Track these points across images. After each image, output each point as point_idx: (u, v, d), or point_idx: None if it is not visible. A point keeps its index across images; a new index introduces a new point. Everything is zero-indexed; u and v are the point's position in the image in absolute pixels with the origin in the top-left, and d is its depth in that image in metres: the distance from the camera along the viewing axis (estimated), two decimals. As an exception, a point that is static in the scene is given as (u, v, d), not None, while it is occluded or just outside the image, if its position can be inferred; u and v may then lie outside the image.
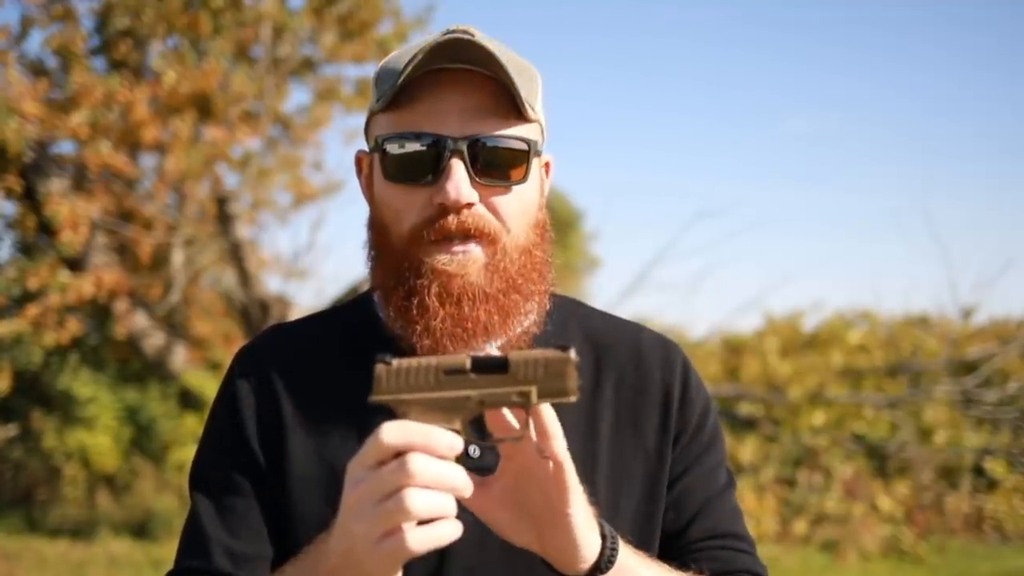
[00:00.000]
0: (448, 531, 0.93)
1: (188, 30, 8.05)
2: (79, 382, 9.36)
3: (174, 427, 9.28)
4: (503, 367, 0.96)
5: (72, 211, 7.62)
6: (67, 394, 9.31)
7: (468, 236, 1.18)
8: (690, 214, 21.94)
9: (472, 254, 1.19)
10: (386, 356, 0.99)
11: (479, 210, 1.19)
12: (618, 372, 1.30)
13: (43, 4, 7.93)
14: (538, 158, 1.25)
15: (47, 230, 7.99)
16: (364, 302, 1.34)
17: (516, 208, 1.22)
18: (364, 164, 1.30)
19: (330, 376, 1.27)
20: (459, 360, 0.97)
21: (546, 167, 1.30)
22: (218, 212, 8.38)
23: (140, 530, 8.39)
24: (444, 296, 1.18)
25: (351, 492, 0.95)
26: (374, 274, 1.27)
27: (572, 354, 0.95)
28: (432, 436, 0.92)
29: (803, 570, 7.76)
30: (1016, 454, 9.00)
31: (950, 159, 18.58)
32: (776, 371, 9.52)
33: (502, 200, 1.20)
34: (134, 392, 9.58)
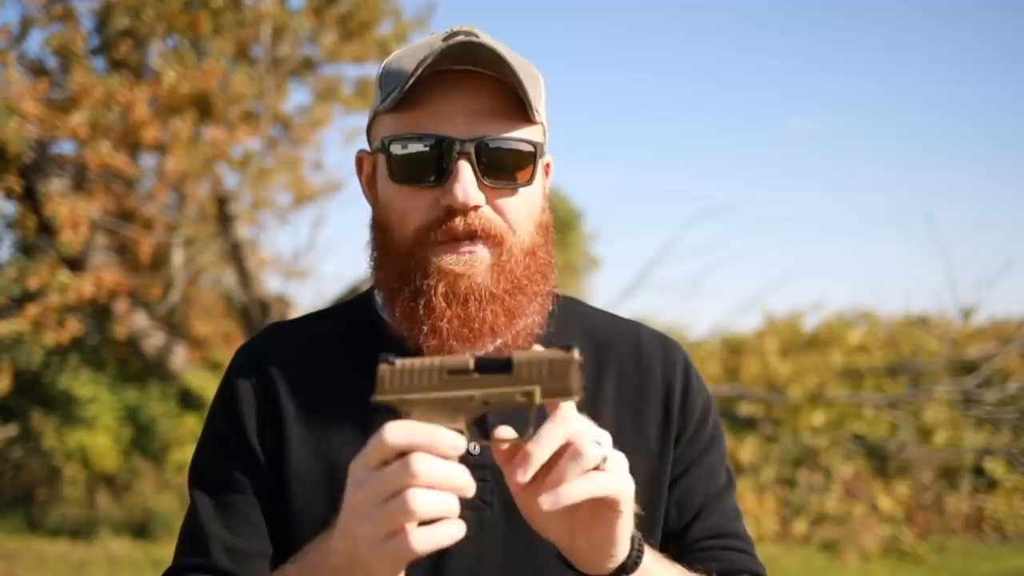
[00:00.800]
0: (452, 531, 0.92)
1: (188, 30, 8.03)
2: (79, 382, 9.37)
3: (174, 427, 9.29)
4: (507, 367, 0.95)
5: (72, 211, 7.60)
6: (67, 394, 9.31)
7: (475, 237, 1.18)
8: (690, 214, 21.93)
9: (479, 255, 1.19)
10: (389, 356, 0.98)
11: (486, 212, 1.19)
12: (619, 370, 1.30)
13: (43, 4, 7.91)
14: (542, 160, 1.25)
15: (47, 230, 7.98)
16: (364, 301, 1.34)
17: (522, 210, 1.22)
18: (365, 164, 1.29)
19: (330, 374, 1.27)
20: (463, 360, 0.96)
21: (546, 168, 1.30)
22: (218, 212, 8.37)
23: (140, 530, 8.39)
24: (451, 296, 1.18)
25: (354, 492, 0.94)
26: (378, 274, 1.26)
27: (576, 354, 0.95)
28: (436, 436, 0.91)
29: (803, 570, 7.75)
30: (1016, 454, 8.98)
31: (950, 159, 18.61)
32: (776, 371, 9.50)
33: (508, 202, 1.20)
34: (134, 392, 9.58)
